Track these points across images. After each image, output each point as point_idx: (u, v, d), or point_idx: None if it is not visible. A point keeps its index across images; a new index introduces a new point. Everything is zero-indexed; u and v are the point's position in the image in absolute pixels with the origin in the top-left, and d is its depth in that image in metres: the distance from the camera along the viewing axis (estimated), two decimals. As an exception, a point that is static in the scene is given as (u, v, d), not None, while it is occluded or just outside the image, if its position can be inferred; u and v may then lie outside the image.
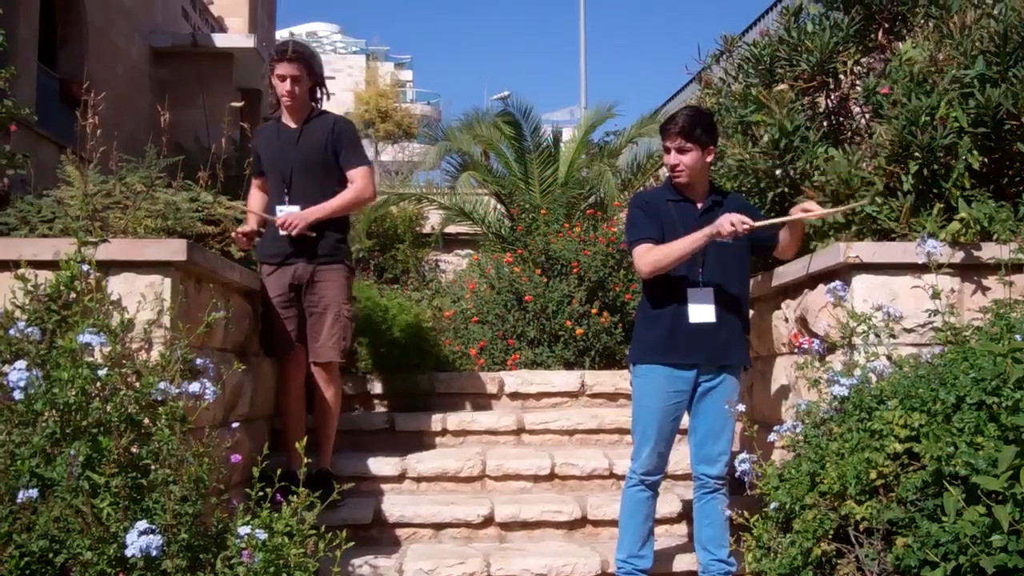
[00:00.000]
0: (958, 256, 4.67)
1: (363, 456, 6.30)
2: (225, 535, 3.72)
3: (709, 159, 4.97)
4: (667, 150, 4.99)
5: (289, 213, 5.65)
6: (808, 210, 4.86)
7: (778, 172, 5.42)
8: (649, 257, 4.89)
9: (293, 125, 5.85)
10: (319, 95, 5.95)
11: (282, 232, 5.65)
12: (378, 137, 43.96)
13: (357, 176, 5.84)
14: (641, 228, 5.00)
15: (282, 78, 5.71)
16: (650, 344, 4.98)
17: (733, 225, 4.63)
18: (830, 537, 3.73)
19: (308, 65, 5.79)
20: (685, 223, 4.90)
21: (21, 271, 4.29)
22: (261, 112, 5.85)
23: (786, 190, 5.49)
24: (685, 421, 5.07)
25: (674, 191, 5.05)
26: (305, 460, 4.11)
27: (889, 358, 4.30)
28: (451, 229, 14.95)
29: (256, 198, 6.04)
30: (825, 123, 5.89)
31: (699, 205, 5.01)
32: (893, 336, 4.45)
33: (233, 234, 5.68)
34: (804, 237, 5.18)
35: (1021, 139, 4.86)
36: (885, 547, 3.53)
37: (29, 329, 3.98)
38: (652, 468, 4.97)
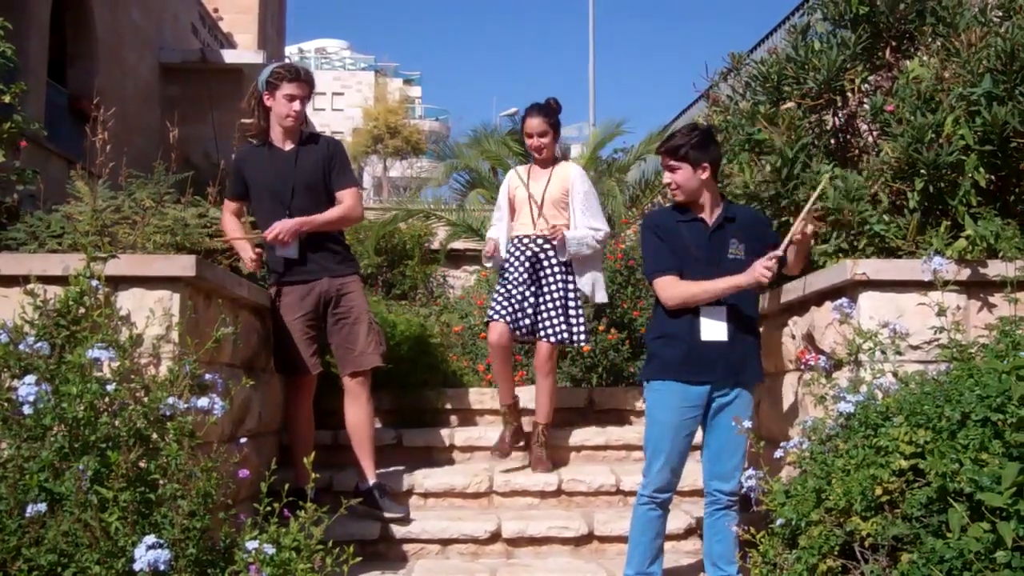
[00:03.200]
0: (964, 273, 4.67)
1: (370, 471, 6.31)
2: (233, 550, 3.74)
3: (704, 176, 4.97)
4: (662, 170, 5.09)
5: (280, 222, 5.68)
6: (803, 231, 4.95)
7: (783, 202, 5.43)
8: (679, 292, 4.92)
9: (286, 147, 5.88)
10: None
11: (278, 251, 5.70)
12: (387, 153, 44.10)
13: (347, 196, 5.93)
14: (661, 258, 5.02)
15: (292, 98, 5.77)
16: (664, 361, 4.98)
17: (767, 269, 4.72)
18: (836, 553, 3.72)
19: (312, 88, 5.91)
20: (696, 242, 4.93)
21: (30, 286, 4.31)
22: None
23: (790, 219, 5.50)
24: (697, 438, 5.08)
25: (684, 210, 5.07)
26: (314, 475, 4.12)
27: (895, 375, 4.30)
28: (459, 245, 14.95)
29: (232, 223, 6.03)
30: (832, 141, 5.90)
31: (709, 223, 5.02)
32: (899, 353, 4.45)
33: (246, 260, 5.70)
34: (809, 255, 5.20)
35: (1028, 157, 4.87)
36: (890, 563, 3.53)
37: (38, 344, 4.00)
38: (664, 485, 4.96)
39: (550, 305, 6.54)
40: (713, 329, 4.89)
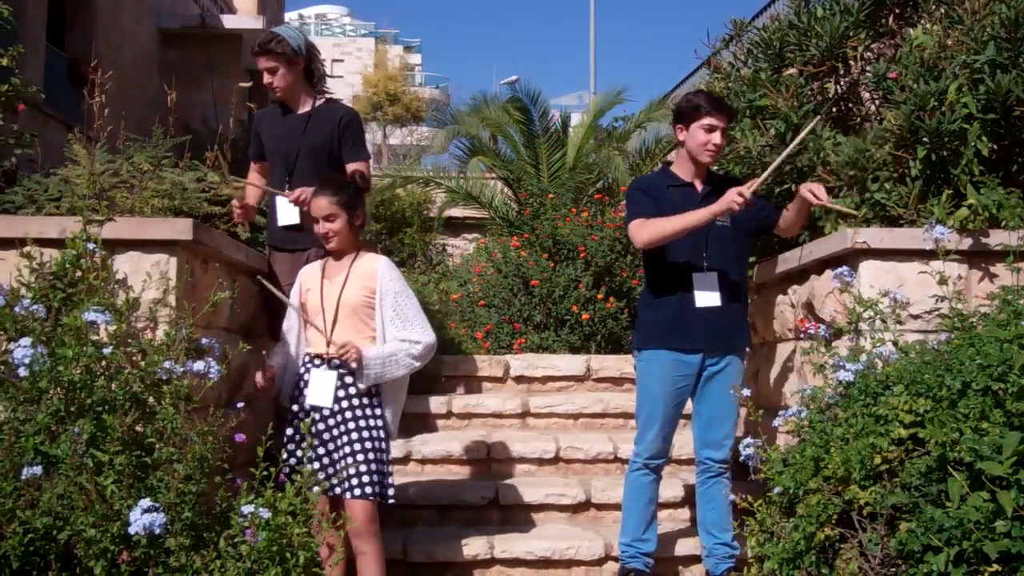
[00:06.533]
0: (966, 243, 4.65)
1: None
2: (229, 514, 3.72)
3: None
4: (711, 128, 4.89)
5: (303, 189, 5.60)
6: (814, 192, 4.75)
7: (786, 167, 5.39)
8: (648, 227, 4.86)
9: (299, 111, 5.81)
10: (314, 76, 5.87)
11: (280, 217, 5.63)
12: (386, 120, 43.91)
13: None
14: (640, 206, 4.99)
15: (261, 72, 5.69)
16: (655, 329, 4.98)
17: (741, 195, 4.61)
18: (833, 522, 3.72)
19: (287, 57, 5.68)
20: (686, 208, 4.88)
21: (27, 249, 4.28)
22: (269, 95, 5.87)
23: (792, 186, 5.47)
24: (688, 406, 5.08)
25: (674, 176, 5.05)
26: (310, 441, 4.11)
27: (895, 344, 4.29)
28: (458, 213, 14.94)
29: (257, 180, 6.00)
30: (834, 109, 5.86)
31: (699, 190, 5.00)
32: (899, 322, 4.44)
33: (233, 203, 5.60)
34: (812, 219, 5.17)
35: (1031, 125, 4.85)
36: (888, 532, 3.53)
37: (34, 307, 3.98)
38: (656, 452, 4.98)
39: (356, 447, 4.61)
40: (706, 296, 4.87)
